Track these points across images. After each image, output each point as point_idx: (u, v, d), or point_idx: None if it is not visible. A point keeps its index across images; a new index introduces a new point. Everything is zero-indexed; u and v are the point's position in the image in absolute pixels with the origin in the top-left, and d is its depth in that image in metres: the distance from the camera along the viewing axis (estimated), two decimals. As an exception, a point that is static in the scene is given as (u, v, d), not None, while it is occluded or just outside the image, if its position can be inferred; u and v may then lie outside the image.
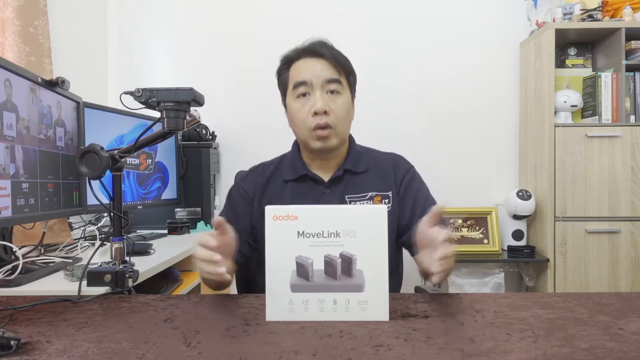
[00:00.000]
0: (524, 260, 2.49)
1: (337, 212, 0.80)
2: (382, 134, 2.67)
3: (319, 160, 1.20)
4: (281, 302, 0.79)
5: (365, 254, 0.79)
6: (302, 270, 0.79)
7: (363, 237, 0.79)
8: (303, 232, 0.79)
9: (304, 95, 1.14)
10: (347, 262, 0.79)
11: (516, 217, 2.49)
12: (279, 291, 0.79)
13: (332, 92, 1.13)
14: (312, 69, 1.14)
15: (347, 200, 1.17)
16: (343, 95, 1.15)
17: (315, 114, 1.11)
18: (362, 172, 1.21)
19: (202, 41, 2.75)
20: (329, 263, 0.79)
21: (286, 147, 1.28)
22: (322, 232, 0.79)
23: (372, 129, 2.67)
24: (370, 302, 0.79)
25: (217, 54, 2.74)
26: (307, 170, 1.20)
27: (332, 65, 1.14)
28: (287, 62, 1.19)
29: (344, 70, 1.16)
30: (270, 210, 0.80)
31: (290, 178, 1.20)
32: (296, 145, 1.25)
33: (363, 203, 1.18)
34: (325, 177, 1.20)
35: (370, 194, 1.19)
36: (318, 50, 1.15)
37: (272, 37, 2.66)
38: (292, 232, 0.79)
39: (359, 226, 0.79)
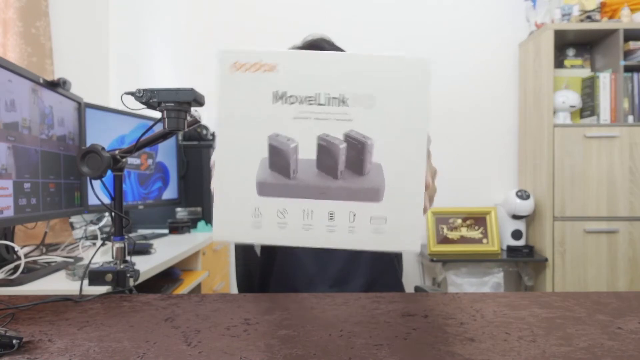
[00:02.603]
0: (523, 260, 2.49)
1: (346, 63, 0.49)
2: (382, 134, 2.67)
3: None
4: (240, 210, 0.50)
5: (390, 136, 0.49)
6: (279, 159, 0.49)
7: (388, 106, 0.49)
8: (283, 93, 0.49)
9: None
10: (358, 149, 0.49)
11: (515, 217, 2.50)
12: (236, 193, 0.50)
13: None
14: None
15: None
16: None
17: None
18: None
19: (203, 41, 2.75)
20: (325, 149, 0.49)
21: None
22: (318, 95, 0.49)
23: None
24: (392, 220, 0.50)
25: (217, 54, 2.74)
26: None
27: None
28: None
29: None
30: (228, 55, 0.49)
31: None
32: None
33: None
34: None
35: None
36: (321, 46, 1.17)
37: (272, 38, 2.67)
38: (265, 93, 0.49)
39: (382, 88, 0.48)
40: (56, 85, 1.35)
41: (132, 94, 0.99)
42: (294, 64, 0.49)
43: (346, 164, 0.49)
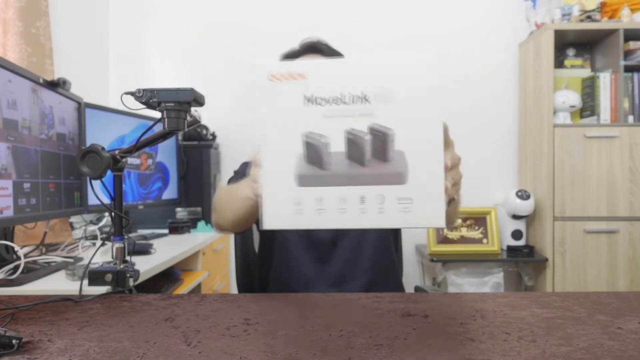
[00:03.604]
0: (523, 260, 2.49)
1: (364, 66, 0.56)
2: (382, 134, 2.67)
3: None
4: (283, 201, 0.57)
5: (408, 126, 0.55)
6: (314, 153, 0.56)
7: (405, 101, 0.55)
8: (313, 97, 0.56)
9: None
10: (381, 139, 0.56)
11: (515, 217, 2.50)
12: (279, 187, 0.57)
13: None
14: None
15: None
16: None
17: None
18: None
19: (203, 42, 2.75)
20: (353, 142, 0.56)
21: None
22: (343, 96, 0.56)
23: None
24: (417, 200, 0.56)
25: (218, 54, 2.74)
26: None
27: None
28: (290, 57, 1.21)
29: None
30: (263, 67, 0.57)
31: None
32: None
33: None
34: None
35: None
36: (319, 47, 1.18)
37: (272, 38, 2.67)
38: (298, 98, 0.56)
39: (399, 85, 0.55)
40: (56, 85, 1.35)
41: (132, 94, 0.99)
42: (320, 71, 0.57)
43: (372, 153, 0.56)
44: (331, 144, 0.56)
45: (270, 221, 0.58)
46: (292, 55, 1.20)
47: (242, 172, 1.22)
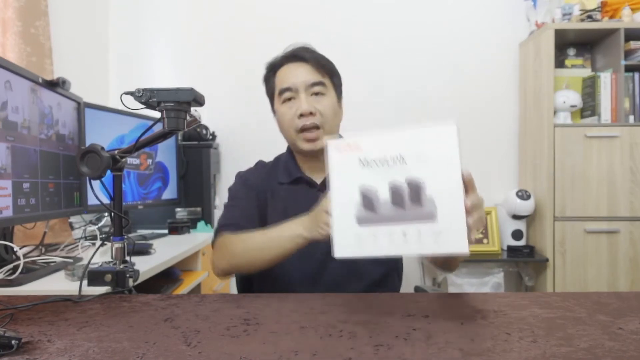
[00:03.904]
0: (524, 260, 2.49)
1: (401, 136, 0.75)
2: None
3: (311, 162, 1.22)
4: (349, 236, 0.77)
5: (435, 178, 0.72)
6: (368, 201, 0.75)
7: (432, 159, 0.72)
8: (366, 161, 0.76)
9: (289, 100, 1.16)
10: (416, 189, 0.73)
11: (515, 217, 2.50)
12: (345, 226, 0.76)
13: (316, 94, 1.16)
14: (296, 74, 1.16)
15: None
16: (328, 95, 1.17)
17: (302, 115, 1.13)
18: None
19: (203, 42, 2.75)
20: (395, 191, 0.74)
21: (285, 147, 1.29)
22: (386, 158, 0.74)
23: (372, 130, 2.67)
24: (445, 233, 0.71)
25: (218, 54, 2.74)
26: (300, 173, 1.21)
27: (315, 68, 1.16)
28: (272, 68, 1.21)
29: (327, 72, 1.18)
30: (332, 144, 0.79)
31: (285, 181, 1.22)
32: (290, 148, 1.26)
33: None
34: (319, 180, 1.21)
35: None
36: (301, 55, 1.18)
37: (272, 38, 2.65)
38: (355, 162, 0.76)
39: (426, 149, 0.72)
40: (55, 85, 1.35)
41: (131, 93, 0.99)
42: (370, 142, 0.77)
43: (409, 199, 0.73)
44: (380, 194, 0.75)
45: (339, 251, 0.77)
46: (275, 64, 1.20)
47: (238, 191, 1.22)
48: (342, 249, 0.77)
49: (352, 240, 0.76)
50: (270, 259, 1.02)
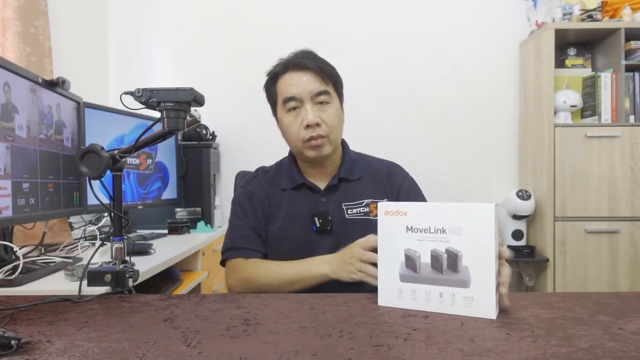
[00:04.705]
0: (524, 260, 2.49)
1: (444, 210, 0.83)
2: (384, 135, 2.67)
3: (314, 168, 1.22)
4: (391, 290, 0.86)
5: (471, 250, 0.80)
6: (411, 262, 0.84)
7: (469, 234, 0.80)
8: (411, 227, 0.84)
9: (294, 109, 1.16)
10: (453, 258, 0.81)
11: (516, 217, 2.50)
12: (389, 280, 0.86)
13: (321, 103, 1.15)
14: (300, 84, 1.15)
15: (344, 207, 1.18)
16: (332, 104, 1.17)
17: (308, 126, 1.13)
18: (357, 180, 1.22)
19: (203, 42, 2.75)
20: (435, 257, 0.82)
21: (286, 147, 1.28)
22: (429, 227, 0.83)
23: (372, 130, 2.67)
24: (477, 299, 0.79)
25: (218, 54, 2.74)
26: (303, 179, 1.22)
27: (318, 77, 1.15)
28: (274, 76, 1.20)
29: (330, 79, 1.17)
30: (382, 207, 0.88)
31: (288, 187, 1.22)
32: (292, 153, 1.26)
33: (360, 209, 1.19)
34: (322, 185, 1.21)
35: (366, 200, 1.20)
36: (304, 63, 1.16)
37: (272, 38, 2.67)
38: (402, 226, 0.85)
39: (466, 224, 0.80)
40: (55, 85, 1.35)
41: (131, 93, 0.99)
42: (417, 211, 0.85)
43: (447, 266, 0.82)
44: (421, 257, 0.84)
45: (383, 300, 0.87)
46: (277, 72, 1.19)
47: (244, 207, 1.21)
48: (386, 299, 0.87)
49: (394, 293, 0.86)
50: (299, 289, 1.05)
